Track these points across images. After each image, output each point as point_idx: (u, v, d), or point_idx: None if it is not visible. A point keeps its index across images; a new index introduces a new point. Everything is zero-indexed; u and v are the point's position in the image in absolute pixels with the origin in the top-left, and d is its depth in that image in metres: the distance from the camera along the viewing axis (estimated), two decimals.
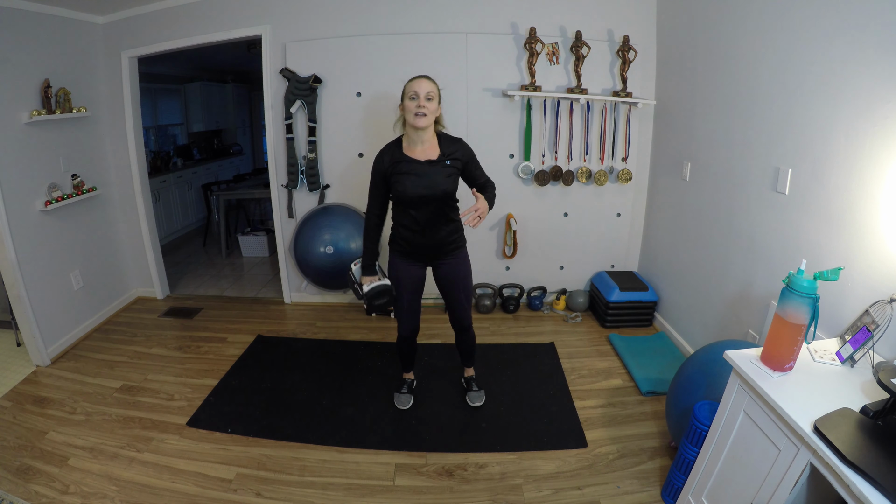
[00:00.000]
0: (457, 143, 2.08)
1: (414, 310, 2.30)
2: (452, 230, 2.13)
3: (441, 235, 2.10)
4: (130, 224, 3.71)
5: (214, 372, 2.84)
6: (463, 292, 2.26)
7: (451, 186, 2.04)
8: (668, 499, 1.91)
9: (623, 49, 3.14)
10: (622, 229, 3.61)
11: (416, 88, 1.94)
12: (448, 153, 2.03)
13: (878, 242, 1.64)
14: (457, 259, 2.20)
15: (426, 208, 2.03)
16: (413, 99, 1.94)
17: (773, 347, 1.46)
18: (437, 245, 2.12)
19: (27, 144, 2.83)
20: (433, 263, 2.21)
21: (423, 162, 2.00)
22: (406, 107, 1.96)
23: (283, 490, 2.00)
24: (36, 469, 2.08)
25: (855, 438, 1.15)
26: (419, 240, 2.10)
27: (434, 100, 1.96)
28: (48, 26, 2.94)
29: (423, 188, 1.99)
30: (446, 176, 2.01)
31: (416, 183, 1.99)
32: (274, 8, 3.20)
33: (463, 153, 2.07)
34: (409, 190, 1.99)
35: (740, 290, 2.44)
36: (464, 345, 2.46)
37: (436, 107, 1.98)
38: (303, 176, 3.44)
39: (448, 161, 2.02)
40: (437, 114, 2.03)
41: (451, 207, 2.12)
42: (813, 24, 1.90)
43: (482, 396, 2.53)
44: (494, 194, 2.13)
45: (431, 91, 1.95)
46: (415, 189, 1.99)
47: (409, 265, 2.19)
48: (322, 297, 3.79)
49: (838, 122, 1.80)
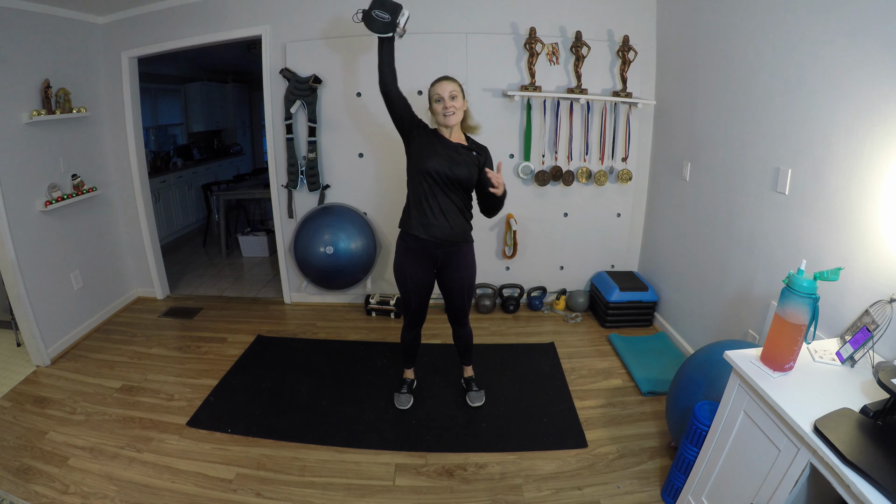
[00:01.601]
0: (483, 148, 2.19)
1: (423, 307, 2.33)
2: (462, 222, 2.16)
3: (452, 222, 2.10)
4: (130, 224, 3.71)
5: (214, 372, 2.84)
6: (467, 295, 2.30)
7: (466, 172, 2.07)
8: (668, 499, 1.91)
9: (623, 49, 3.14)
10: (622, 229, 3.61)
11: (440, 91, 2.04)
12: (473, 148, 2.15)
13: (878, 242, 1.64)
14: (463, 255, 2.21)
15: (438, 187, 2.06)
16: (439, 101, 2.05)
17: (773, 347, 1.46)
18: (449, 231, 2.10)
19: (27, 144, 2.83)
20: (444, 258, 2.18)
21: (453, 144, 2.10)
22: (434, 110, 2.09)
23: (283, 490, 2.00)
24: (36, 469, 2.08)
25: (855, 438, 1.15)
26: (432, 221, 2.08)
27: (458, 97, 2.06)
28: (48, 26, 2.94)
29: (445, 162, 2.04)
30: (467, 161, 2.08)
31: (440, 157, 2.04)
32: (274, 8, 3.20)
33: (485, 156, 2.17)
34: (431, 161, 2.03)
35: (740, 290, 2.44)
36: (461, 341, 2.48)
37: (461, 102, 2.08)
38: (303, 176, 3.44)
39: (474, 152, 2.13)
40: (465, 108, 2.13)
41: (463, 198, 2.15)
42: (813, 24, 1.90)
43: (482, 396, 2.54)
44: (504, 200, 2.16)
45: (454, 90, 2.05)
46: (438, 162, 2.03)
47: (418, 268, 2.18)
48: (322, 297, 3.79)
49: (838, 122, 1.80)
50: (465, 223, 2.18)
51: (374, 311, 3.56)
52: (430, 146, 2.06)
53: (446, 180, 2.05)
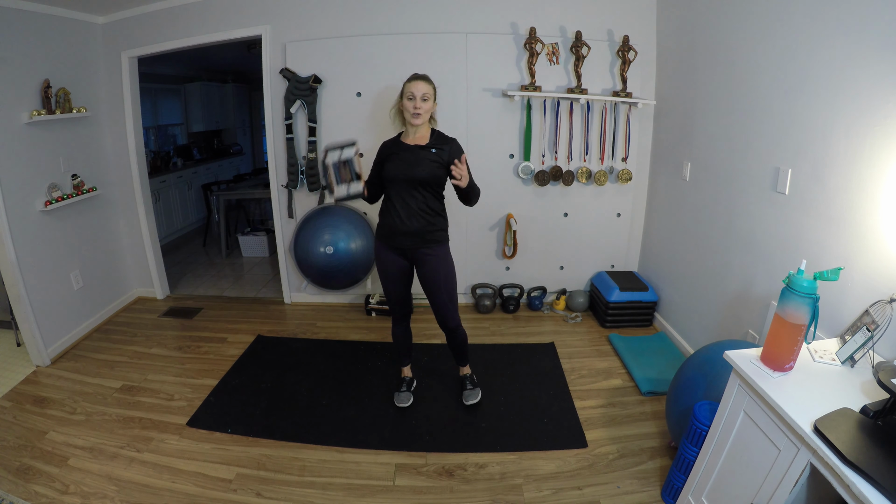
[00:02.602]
0: (447, 141, 2.19)
1: (402, 298, 2.37)
2: (431, 221, 2.17)
3: (418, 224, 2.15)
4: (130, 224, 3.71)
5: (214, 372, 2.83)
6: (445, 293, 2.27)
7: (428, 173, 2.11)
8: (668, 499, 1.91)
9: (623, 49, 3.14)
10: (622, 229, 3.61)
11: (413, 90, 2.08)
12: (434, 145, 2.16)
13: (878, 242, 1.64)
14: (436, 256, 2.21)
15: (403, 189, 2.13)
16: (411, 99, 2.08)
17: (773, 347, 1.46)
18: (413, 232, 2.16)
19: (27, 144, 2.83)
20: (414, 256, 2.23)
21: (411, 146, 2.15)
22: (405, 105, 2.11)
23: (283, 490, 2.00)
24: (36, 469, 2.08)
25: (855, 438, 1.15)
26: (396, 223, 2.16)
27: (429, 100, 2.10)
28: (48, 26, 2.94)
29: (404, 166, 2.12)
30: (429, 161, 2.12)
31: (398, 162, 2.14)
32: (274, 8, 3.20)
33: (450, 149, 2.16)
34: (391, 169, 2.14)
35: (740, 290, 2.44)
36: (453, 343, 2.46)
37: (430, 106, 2.12)
38: (303, 176, 3.44)
39: (433, 150, 2.14)
40: (432, 112, 2.17)
41: (431, 196, 2.16)
42: (813, 23, 1.90)
43: (477, 394, 2.53)
44: (478, 190, 2.20)
45: (427, 92, 2.09)
46: (396, 168, 2.13)
47: (392, 256, 2.25)
48: (322, 297, 3.79)
49: (838, 122, 1.80)
50: (431, 223, 2.17)
51: (374, 311, 3.56)
52: (393, 155, 2.16)
53: (406, 182, 2.11)
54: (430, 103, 2.10)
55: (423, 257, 2.21)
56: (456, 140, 2.20)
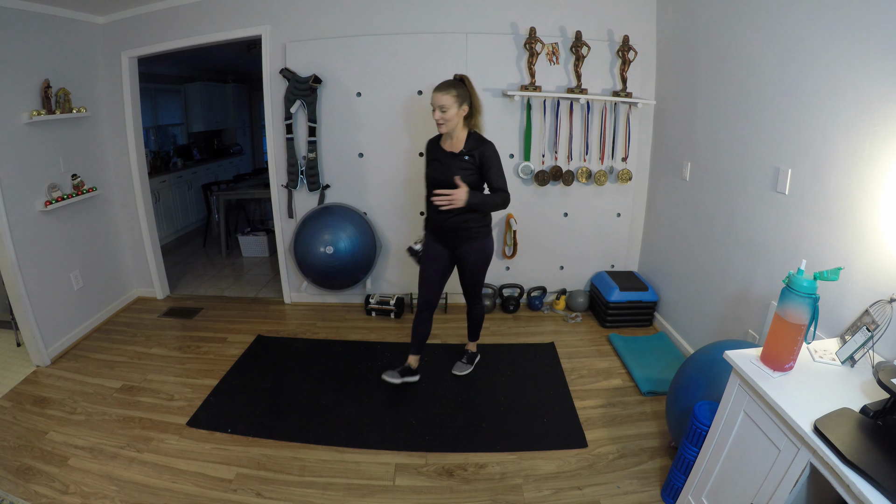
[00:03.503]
0: (481, 144, 2.27)
1: (431, 281, 2.50)
2: (466, 219, 2.32)
3: (454, 221, 2.32)
4: (130, 224, 3.71)
5: (214, 372, 2.84)
6: (470, 279, 2.51)
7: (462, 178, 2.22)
8: (668, 499, 1.91)
9: (623, 49, 3.14)
10: (622, 229, 3.61)
11: (433, 101, 2.20)
12: (468, 150, 2.26)
13: (878, 242, 1.64)
14: (472, 251, 2.40)
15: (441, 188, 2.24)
16: (434, 111, 2.21)
17: (773, 347, 1.46)
18: (450, 229, 2.35)
19: (27, 144, 2.83)
20: (455, 249, 2.43)
21: (447, 152, 2.30)
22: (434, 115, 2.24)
23: (283, 490, 2.00)
24: (36, 469, 2.08)
25: (855, 438, 1.15)
26: (438, 220, 2.36)
27: (449, 109, 2.18)
28: (48, 26, 2.94)
29: (439, 174, 2.29)
30: (461, 168, 2.25)
31: (436, 168, 2.33)
32: (274, 8, 3.20)
33: (481, 154, 2.25)
34: (430, 173, 2.35)
35: (740, 290, 2.44)
36: (469, 316, 2.74)
37: (452, 114, 2.20)
38: (303, 176, 3.44)
39: (466, 157, 2.26)
40: (459, 119, 2.24)
41: None
42: (812, 23, 1.90)
43: (466, 370, 2.75)
44: (497, 202, 2.26)
45: (444, 104, 2.17)
46: (433, 173, 2.33)
47: (439, 248, 2.46)
48: (322, 297, 3.79)
49: (838, 122, 1.80)
50: (466, 220, 2.32)
51: (374, 311, 3.56)
52: (433, 160, 2.35)
53: (442, 185, 2.25)
54: (451, 112, 2.18)
55: (462, 251, 2.42)
56: (490, 144, 2.27)
